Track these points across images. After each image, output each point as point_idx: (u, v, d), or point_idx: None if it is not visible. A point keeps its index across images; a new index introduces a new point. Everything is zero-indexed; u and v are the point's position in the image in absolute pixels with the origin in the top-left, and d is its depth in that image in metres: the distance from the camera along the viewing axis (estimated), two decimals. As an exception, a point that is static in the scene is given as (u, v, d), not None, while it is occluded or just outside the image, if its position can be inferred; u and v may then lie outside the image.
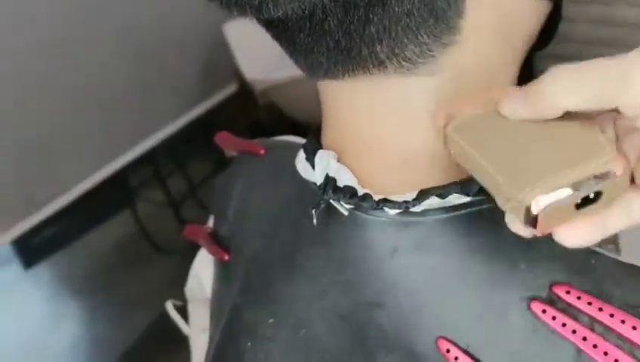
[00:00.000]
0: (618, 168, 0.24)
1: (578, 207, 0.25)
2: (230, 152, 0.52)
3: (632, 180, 0.25)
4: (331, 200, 0.33)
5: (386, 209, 0.32)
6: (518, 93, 0.27)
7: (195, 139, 2.14)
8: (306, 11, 0.28)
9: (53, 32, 1.70)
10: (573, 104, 0.25)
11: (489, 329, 0.30)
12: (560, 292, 0.29)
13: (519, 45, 0.33)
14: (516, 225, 0.26)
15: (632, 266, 0.31)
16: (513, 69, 0.35)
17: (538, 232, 0.25)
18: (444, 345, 0.30)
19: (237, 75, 1.63)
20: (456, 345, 0.30)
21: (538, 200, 0.24)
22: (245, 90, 1.55)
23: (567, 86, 0.24)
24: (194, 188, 2.22)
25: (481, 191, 0.32)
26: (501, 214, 0.32)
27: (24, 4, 1.64)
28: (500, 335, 0.29)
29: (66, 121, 1.83)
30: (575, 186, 0.24)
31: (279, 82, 1.31)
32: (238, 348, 0.38)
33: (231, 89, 2.02)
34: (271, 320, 0.37)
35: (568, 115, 0.26)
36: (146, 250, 2.15)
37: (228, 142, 0.51)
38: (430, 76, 0.31)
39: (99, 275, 2.12)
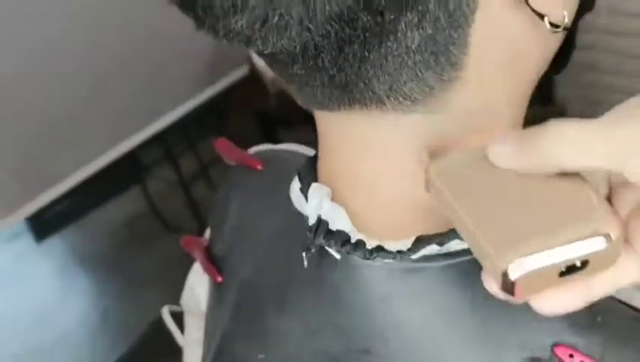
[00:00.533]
0: (613, 231, 0.22)
1: (562, 274, 0.22)
2: (229, 161, 0.50)
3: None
4: (322, 245, 0.31)
5: (378, 258, 0.30)
6: (510, 140, 0.25)
7: (207, 120, 2.13)
8: (297, 48, 0.26)
9: (64, 9, 1.69)
10: (578, 166, 0.23)
11: None
12: (563, 355, 0.28)
13: (527, 81, 0.31)
14: (492, 287, 0.24)
15: (636, 327, 0.29)
16: (520, 107, 0.33)
17: (516, 298, 0.23)
18: (436, 401, 0.29)
19: (249, 57, 1.61)
20: None
21: (518, 264, 0.22)
22: (257, 73, 1.53)
23: (571, 147, 0.22)
24: (204, 167, 2.21)
25: None
26: None
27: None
28: None
29: (79, 100, 1.83)
30: (560, 251, 0.22)
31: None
32: None
33: (243, 71, 2.01)
34: (261, 356, 0.35)
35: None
36: (155, 228, 2.15)
37: (227, 151, 0.49)
38: (431, 114, 0.29)
39: (108, 251, 2.14)
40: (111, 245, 2.15)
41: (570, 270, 0.22)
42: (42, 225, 2.16)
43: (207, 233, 0.50)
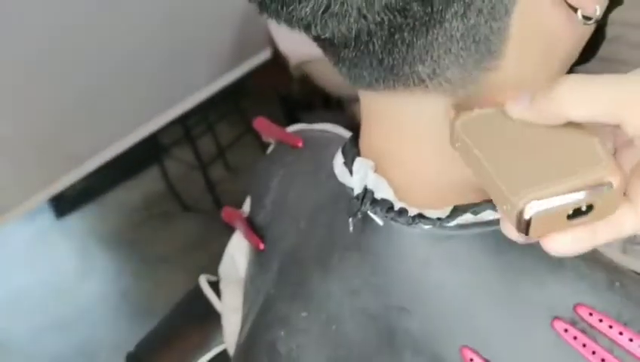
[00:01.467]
0: (615, 180, 0.25)
1: (569, 217, 0.25)
2: (268, 139, 0.54)
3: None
4: (368, 212, 0.35)
5: (419, 224, 0.33)
6: (526, 95, 0.28)
7: (226, 104, 2.16)
8: (352, 33, 0.29)
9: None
10: (580, 116, 0.26)
11: (512, 343, 0.31)
12: (583, 313, 0.31)
13: (558, 68, 0.34)
14: (508, 230, 0.27)
15: None
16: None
17: (529, 238, 0.26)
18: (468, 354, 0.32)
19: (271, 41, 1.63)
20: (479, 355, 0.32)
21: (531, 206, 0.25)
22: (279, 57, 1.55)
23: (576, 98, 0.26)
24: (222, 150, 2.25)
25: None
26: None
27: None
28: (522, 351, 0.31)
29: (101, 84, 1.85)
30: (568, 196, 0.25)
31: (313, 56, 1.30)
32: (271, 336, 0.40)
33: (265, 55, 2.02)
34: (304, 314, 0.39)
35: (572, 123, 0.27)
36: (173, 208, 2.19)
37: (266, 129, 0.53)
38: (469, 97, 0.32)
39: (127, 230, 2.18)
40: (129, 224, 2.19)
41: (576, 213, 0.25)
42: (62, 202, 2.20)
43: (246, 206, 0.53)
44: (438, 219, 0.33)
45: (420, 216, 0.33)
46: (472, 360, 0.32)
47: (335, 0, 0.27)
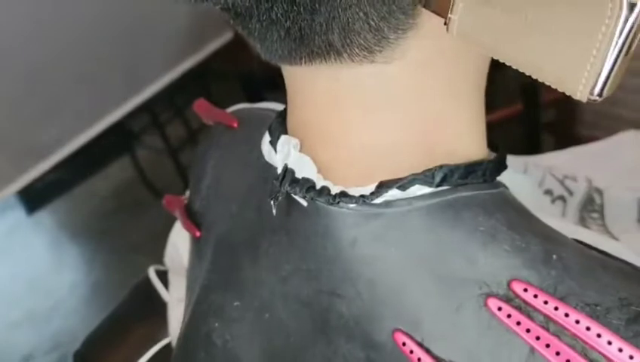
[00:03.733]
0: None
1: None
2: (208, 121, 0.51)
3: None
4: (289, 192, 0.33)
5: (342, 202, 0.31)
6: None
7: (193, 87, 2.12)
8: (249, 1, 0.27)
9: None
10: None
11: (444, 323, 0.30)
12: (517, 289, 0.29)
13: None
14: None
15: (592, 263, 0.31)
16: (487, 59, 0.33)
17: None
18: (401, 337, 0.30)
19: (232, 22, 1.60)
20: (411, 337, 0.30)
21: None
22: (241, 38, 1.52)
23: None
24: (192, 134, 2.22)
25: (444, 181, 0.31)
26: (463, 205, 0.31)
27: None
28: (455, 331, 0.29)
29: (65, 72, 1.81)
30: None
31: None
32: (207, 327, 0.39)
33: (227, 37, 2.00)
34: (236, 303, 0.37)
35: None
36: (145, 196, 2.16)
37: (204, 111, 0.50)
38: (389, 64, 0.30)
39: (98, 221, 2.15)
40: (100, 214, 2.16)
41: None
42: (33, 197, 2.17)
43: (188, 192, 0.51)
44: (362, 196, 0.31)
45: (343, 194, 0.31)
46: (404, 343, 0.30)
47: None
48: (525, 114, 1.39)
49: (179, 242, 0.52)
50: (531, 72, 0.25)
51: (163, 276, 0.56)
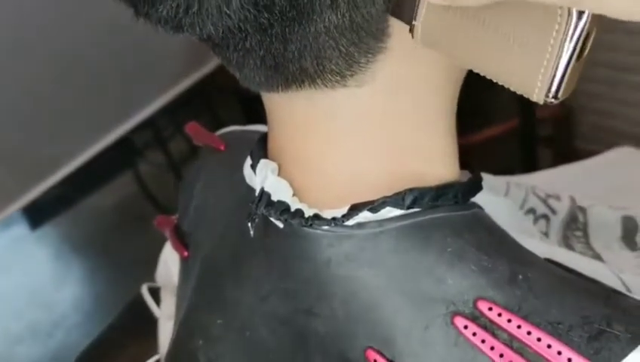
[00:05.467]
0: None
1: None
2: (198, 143, 0.53)
3: None
4: (264, 214, 0.34)
5: (314, 225, 0.33)
6: None
7: (196, 103, 2.14)
8: (222, 33, 0.29)
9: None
10: None
11: (414, 341, 0.31)
12: (483, 308, 0.30)
13: None
14: None
15: (558, 282, 0.32)
16: (458, 80, 0.35)
17: None
18: (372, 355, 0.31)
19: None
20: (382, 355, 0.31)
21: None
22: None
23: None
24: (194, 150, 2.23)
25: (415, 203, 0.33)
26: (432, 227, 0.33)
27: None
28: (424, 348, 0.31)
29: (69, 88, 1.84)
30: None
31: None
32: (192, 345, 0.40)
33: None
34: (219, 321, 0.38)
35: None
36: (147, 211, 2.18)
37: (195, 133, 0.52)
38: (360, 88, 0.32)
39: (102, 235, 2.16)
40: (104, 230, 2.18)
41: None
42: (37, 212, 2.18)
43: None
44: (334, 218, 0.32)
45: (316, 216, 0.33)
46: (375, 361, 0.31)
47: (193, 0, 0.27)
48: (521, 128, 1.40)
49: (169, 260, 0.53)
50: (490, 75, 0.27)
51: (157, 293, 0.58)
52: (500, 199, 0.46)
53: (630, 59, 1.33)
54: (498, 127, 1.43)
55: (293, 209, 0.33)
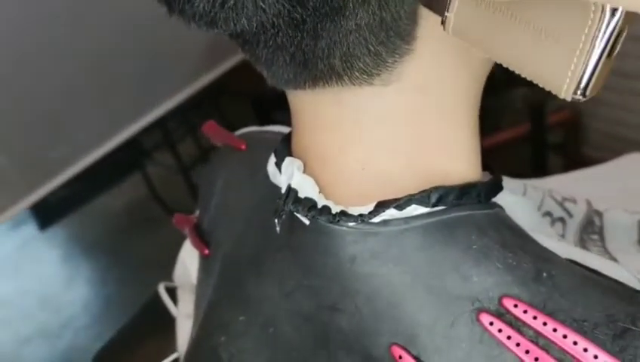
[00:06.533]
0: None
1: None
2: (216, 143, 0.53)
3: None
4: (292, 211, 0.35)
5: (342, 221, 0.33)
6: None
7: (206, 105, 2.15)
8: (255, 27, 0.29)
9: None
10: None
11: (439, 338, 0.31)
12: (508, 305, 0.31)
13: (482, 58, 0.34)
14: None
15: (582, 281, 0.32)
16: (480, 83, 0.35)
17: None
18: (397, 351, 0.32)
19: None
20: (408, 351, 0.31)
21: None
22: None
23: None
24: (204, 152, 2.24)
25: (440, 201, 0.33)
26: (457, 225, 0.33)
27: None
28: (449, 345, 0.31)
29: (79, 89, 1.85)
30: None
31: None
32: (214, 342, 0.40)
33: (241, 56, 2.02)
34: (242, 318, 0.38)
35: None
36: (156, 213, 2.19)
37: (213, 133, 0.52)
38: (386, 87, 0.32)
39: (111, 237, 2.17)
40: (113, 231, 2.18)
41: None
42: (46, 213, 2.19)
43: (198, 211, 0.52)
44: (361, 215, 0.33)
45: (343, 213, 0.33)
46: (400, 357, 0.32)
47: None
48: (532, 135, 1.40)
49: (187, 260, 0.53)
50: (519, 69, 0.27)
51: (173, 292, 0.58)
52: (519, 199, 0.46)
53: (639, 66, 1.33)
54: (508, 133, 1.43)
55: (320, 205, 0.34)
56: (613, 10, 0.23)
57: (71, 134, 1.90)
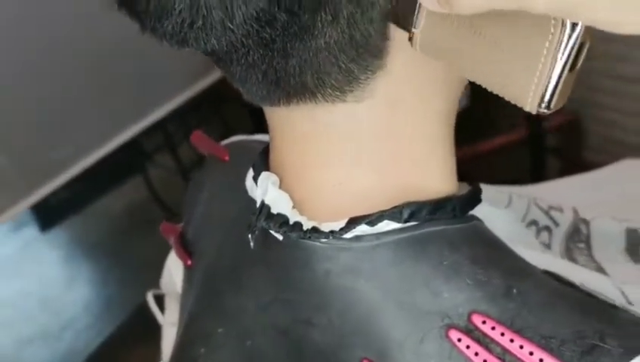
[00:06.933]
0: None
1: None
2: (203, 152, 0.54)
3: None
4: (264, 227, 0.35)
5: (312, 237, 0.33)
6: None
7: (206, 107, 2.16)
8: (226, 47, 0.30)
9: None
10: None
11: (409, 353, 0.31)
12: (477, 321, 0.31)
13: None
14: None
15: (553, 296, 0.32)
16: (454, 95, 0.35)
17: None
18: (368, 365, 0.32)
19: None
20: None
21: None
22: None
23: None
24: (203, 155, 2.24)
25: (412, 217, 0.33)
26: (429, 240, 0.33)
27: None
28: (419, 361, 0.31)
29: (80, 90, 1.85)
30: None
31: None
32: (194, 353, 0.40)
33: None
34: (220, 330, 0.39)
35: None
36: (157, 214, 2.19)
37: (200, 142, 0.53)
38: (359, 103, 0.32)
39: (111, 238, 2.18)
40: (114, 233, 2.19)
41: None
42: (47, 214, 2.20)
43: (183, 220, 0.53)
44: (332, 232, 0.33)
45: (315, 229, 0.33)
46: (371, 371, 0.32)
47: (197, 14, 0.28)
48: (530, 139, 1.40)
49: (173, 268, 0.54)
50: (485, 84, 0.27)
51: (161, 300, 0.58)
52: (500, 211, 0.46)
53: (638, 69, 1.33)
54: (506, 137, 1.43)
55: (292, 221, 0.34)
56: (574, 25, 0.24)
57: (71, 135, 1.91)
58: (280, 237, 0.35)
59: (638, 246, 0.59)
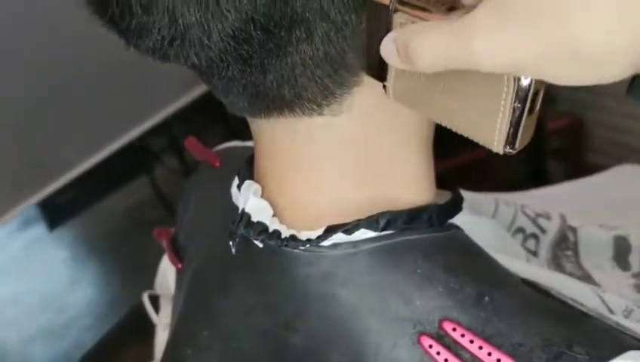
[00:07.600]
0: None
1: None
2: (198, 158, 0.55)
3: None
4: (244, 234, 0.36)
5: (290, 245, 0.34)
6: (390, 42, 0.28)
7: (210, 109, 2.16)
8: (206, 62, 0.31)
9: None
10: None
11: (382, 359, 0.32)
12: (448, 328, 0.32)
13: None
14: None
15: (525, 305, 0.33)
16: None
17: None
18: (343, 370, 0.33)
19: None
20: None
21: None
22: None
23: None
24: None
25: (388, 226, 0.34)
26: (404, 249, 0.34)
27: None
28: None
29: (86, 90, 1.86)
30: None
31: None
32: (181, 354, 0.42)
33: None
34: (206, 332, 0.40)
35: None
36: (162, 215, 2.20)
37: (193, 148, 0.54)
38: (336, 117, 0.33)
39: (117, 238, 2.19)
40: (119, 233, 2.20)
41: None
42: (55, 213, 2.22)
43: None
44: (309, 240, 0.34)
45: (292, 237, 0.34)
46: (347, 376, 0.33)
47: (176, 32, 0.29)
48: (532, 141, 1.40)
49: (167, 271, 0.55)
50: (456, 129, 0.30)
51: (157, 300, 0.60)
52: (483, 220, 0.47)
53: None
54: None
55: (271, 230, 0.35)
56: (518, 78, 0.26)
57: (77, 135, 1.92)
58: (260, 244, 0.36)
59: (626, 255, 0.59)
